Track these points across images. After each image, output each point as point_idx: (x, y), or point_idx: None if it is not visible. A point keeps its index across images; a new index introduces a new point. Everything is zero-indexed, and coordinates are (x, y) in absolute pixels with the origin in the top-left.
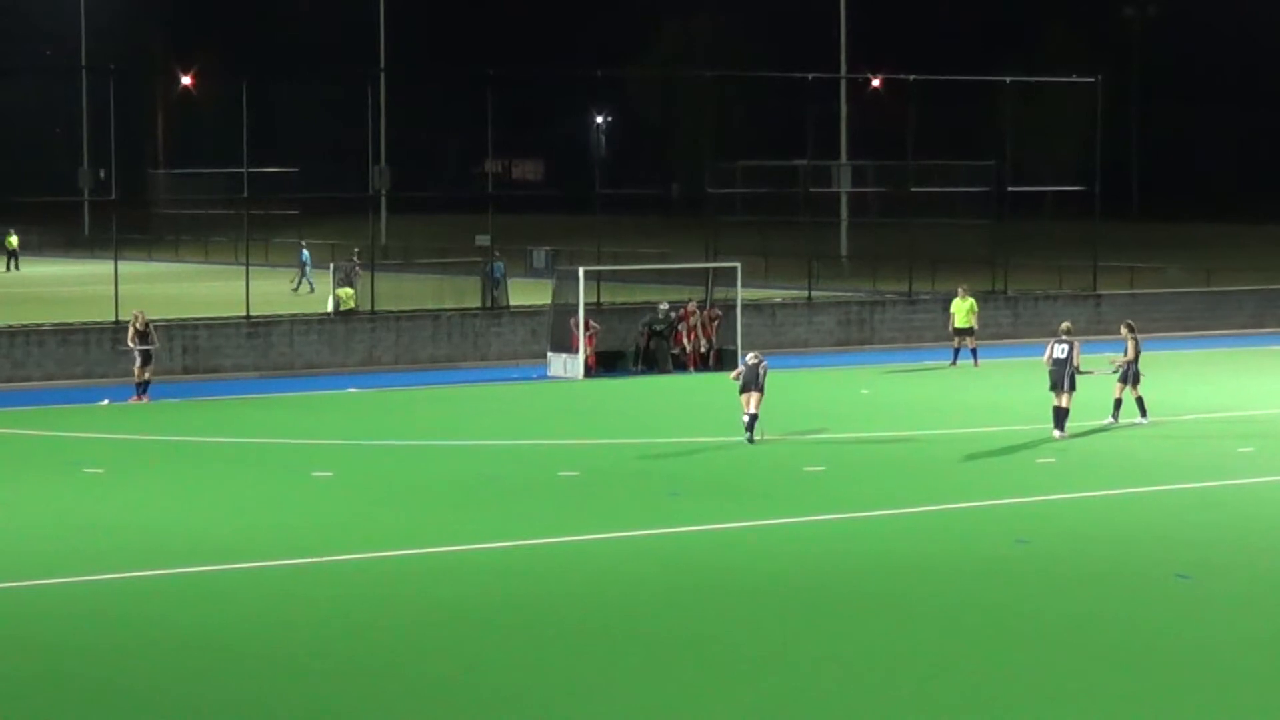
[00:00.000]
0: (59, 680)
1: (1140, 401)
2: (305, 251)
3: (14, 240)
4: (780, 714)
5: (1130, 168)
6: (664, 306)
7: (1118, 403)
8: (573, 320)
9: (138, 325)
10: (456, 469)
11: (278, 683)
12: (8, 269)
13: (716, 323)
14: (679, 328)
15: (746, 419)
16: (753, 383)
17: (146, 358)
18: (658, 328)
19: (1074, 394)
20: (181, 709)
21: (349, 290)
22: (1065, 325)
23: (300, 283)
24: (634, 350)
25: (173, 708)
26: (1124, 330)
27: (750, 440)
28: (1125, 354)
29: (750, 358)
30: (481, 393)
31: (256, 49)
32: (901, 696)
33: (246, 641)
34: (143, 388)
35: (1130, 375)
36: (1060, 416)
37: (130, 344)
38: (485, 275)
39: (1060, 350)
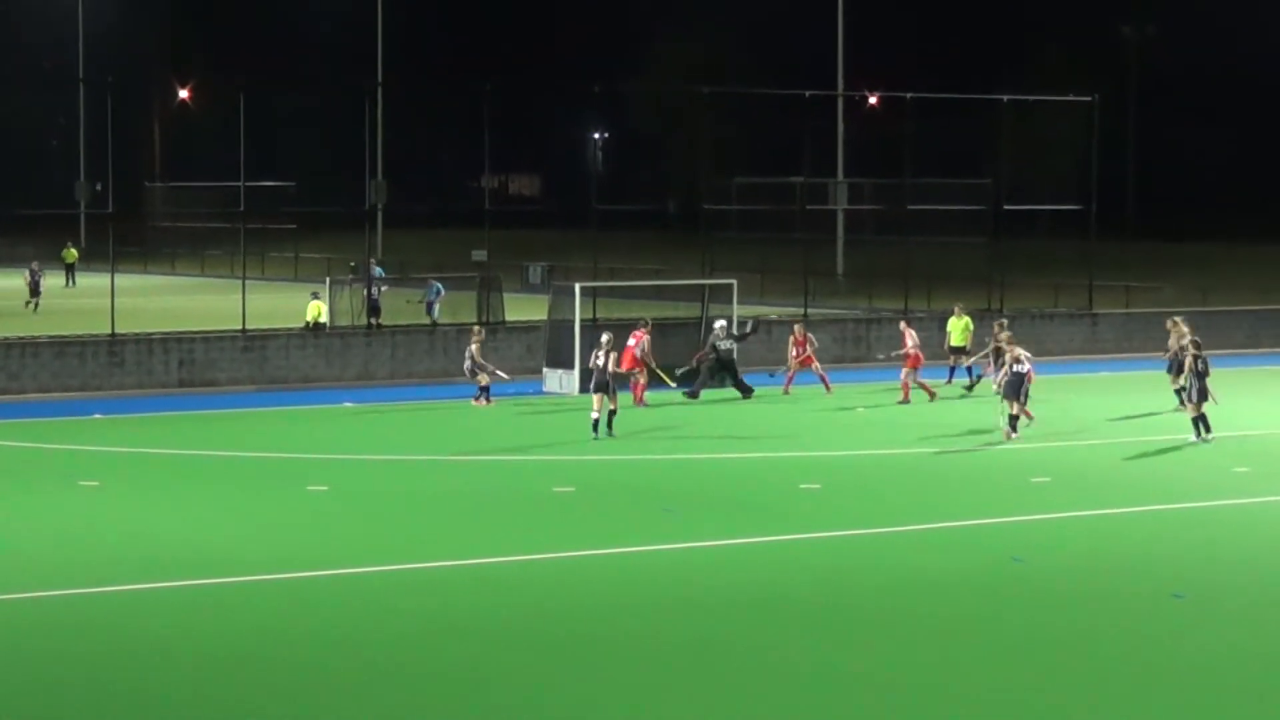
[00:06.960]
0: (56, 692)
1: (1201, 420)
2: (378, 269)
3: (73, 254)
4: None
5: (1126, 187)
6: (721, 323)
7: (1197, 420)
8: (635, 333)
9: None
10: (452, 483)
11: (274, 695)
12: (67, 284)
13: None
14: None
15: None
16: (603, 385)
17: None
18: (723, 345)
19: (1024, 403)
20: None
21: (319, 304)
22: (1022, 353)
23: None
24: (703, 367)
25: (168, 718)
26: (1178, 328)
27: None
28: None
29: (603, 338)
30: (476, 408)
31: (253, 63)
32: (900, 710)
33: (242, 654)
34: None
35: (1198, 392)
36: (1014, 421)
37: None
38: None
39: (1020, 366)
